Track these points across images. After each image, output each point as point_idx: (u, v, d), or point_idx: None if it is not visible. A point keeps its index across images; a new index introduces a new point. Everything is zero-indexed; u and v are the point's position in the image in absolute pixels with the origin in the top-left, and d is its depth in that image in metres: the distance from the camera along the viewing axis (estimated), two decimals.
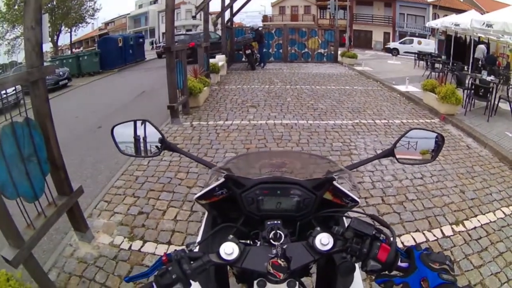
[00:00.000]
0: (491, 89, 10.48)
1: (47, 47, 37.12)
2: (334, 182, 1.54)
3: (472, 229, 4.72)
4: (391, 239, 1.23)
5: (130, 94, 15.74)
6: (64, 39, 53.06)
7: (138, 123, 1.98)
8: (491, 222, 4.96)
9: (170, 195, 5.59)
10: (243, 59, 22.32)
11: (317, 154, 6.57)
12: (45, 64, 3.92)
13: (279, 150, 6.54)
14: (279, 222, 1.41)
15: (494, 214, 5.19)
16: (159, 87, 13.91)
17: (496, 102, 10.66)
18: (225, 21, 22.21)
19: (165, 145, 1.97)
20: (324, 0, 54.71)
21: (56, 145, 3.94)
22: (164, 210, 5.16)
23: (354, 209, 1.62)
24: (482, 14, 19.49)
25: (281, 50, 25.60)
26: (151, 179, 6.15)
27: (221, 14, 20.79)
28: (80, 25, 48.65)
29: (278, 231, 1.34)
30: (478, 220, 4.96)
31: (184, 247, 1.26)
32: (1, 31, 42.69)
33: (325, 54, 25.78)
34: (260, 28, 25.15)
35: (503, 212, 5.29)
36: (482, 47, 19.33)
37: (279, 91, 13.57)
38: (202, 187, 5.59)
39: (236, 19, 30.99)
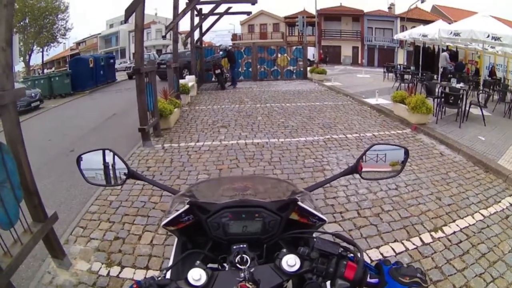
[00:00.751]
0: (461, 96, 10.63)
1: (19, 67, 37.10)
2: (299, 203, 1.54)
3: (451, 234, 4.75)
4: (358, 256, 1.22)
5: (101, 116, 15.64)
6: (36, 59, 53.44)
7: (104, 152, 1.95)
8: (470, 225, 5.01)
9: (145, 219, 5.50)
10: (213, 79, 22.42)
11: (278, 177, 6.56)
12: (16, 85, 3.86)
13: (240, 175, 6.49)
14: (245, 245, 1.40)
15: (473, 217, 5.25)
16: (130, 108, 13.74)
17: (467, 108, 10.82)
18: (195, 41, 22.33)
19: (129, 173, 1.97)
20: (292, 17, 55.58)
21: (28, 170, 3.87)
22: (140, 235, 5.07)
23: (322, 228, 1.66)
24: (449, 23, 19.91)
25: (250, 69, 25.75)
26: (125, 204, 6.04)
27: (190, 34, 20.92)
28: (52, 44, 48.93)
29: (244, 255, 1.33)
30: (457, 225, 4.99)
31: (159, 272, 1.21)
32: None
33: (294, 71, 26.01)
34: (230, 48, 25.22)
35: (481, 214, 5.37)
36: (444, 54, 19.72)
37: (249, 110, 13.59)
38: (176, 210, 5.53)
39: (206, 38, 31.20)
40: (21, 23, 40.40)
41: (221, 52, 23.07)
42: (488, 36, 12.99)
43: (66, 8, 47.60)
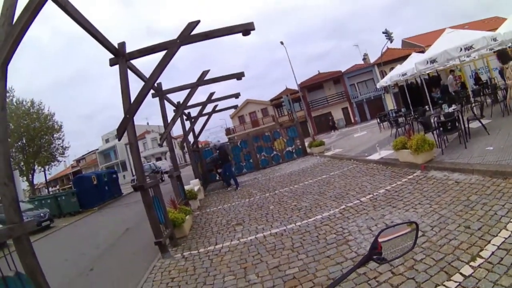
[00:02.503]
0: (457, 118, 10.74)
1: (23, 185, 37.52)
2: None
3: (490, 256, 4.65)
4: None
5: (115, 232, 15.70)
6: (39, 177, 54.58)
7: None
8: (506, 238, 4.94)
9: None
10: (217, 178, 22.78)
11: None
12: (23, 205, 3.96)
13: None
14: None
15: (506, 229, 5.18)
16: (142, 221, 13.75)
17: (467, 126, 10.90)
18: (190, 144, 22.89)
19: None
20: (277, 98, 56.94)
21: None
22: None
23: None
24: (423, 52, 20.32)
25: (251, 160, 26.21)
26: None
27: (184, 139, 21.71)
28: (52, 163, 50.09)
29: None
30: (493, 244, 4.90)
31: None
32: None
33: (293, 151, 26.41)
34: (222, 143, 25.11)
35: None
36: (450, 78, 20.15)
37: (260, 202, 13.55)
38: None
39: (201, 138, 31.79)
40: (19, 143, 42.02)
41: (216, 151, 23.48)
42: (461, 49, 13.27)
43: (60, 127, 49.63)
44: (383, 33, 39.66)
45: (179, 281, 7.55)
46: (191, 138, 23.75)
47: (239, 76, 16.04)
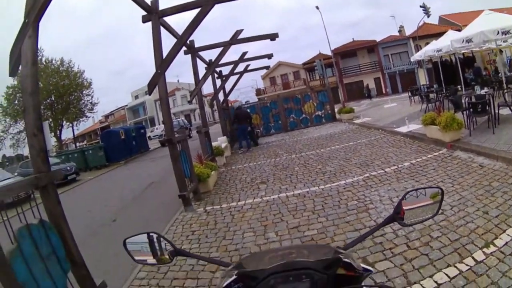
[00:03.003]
0: (488, 101, 10.58)
1: (51, 141, 38.15)
2: (344, 259, 1.57)
3: (503, 245, 4.64)
4: None
5: (139, 185, 16.02)
6: (67, 133, 54.98)
7: (148, 235, 2.05)
8: None
9: (195, 282, 5.55)
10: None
11: (321, 243, 6.52)
12: (51, 160, 4.11)
13: (284, 246, 6.50)
14: None
15: None
16: (167, 176, 14.07)
17: (497, 111, 10.74)
18: (220, 102, 22.85)
19: (176, 252, 2.06)
20: (310, 62, 56.03)
21: (73, 243, 4.10)
22: None
23: (369, 277, 1.67)
24: (459, 30, 19.85)
25: (279, 121, 26.15)
26: (173, 268, 6.11)
27: (215, 97, 21.44)
28: (80, 119, 50.56)
29: None
30: (508, 235, 4.88)
31: None
32: (4, 125, 44.74)
33: (323, 116, 26.22)
34: (240, 106, 25.42)
35: None
36: (500, 57, 19.66)
37: (285, 162, 13.68)
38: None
39: (231, 97, 31.76)
40: (48, 100, 42.49)
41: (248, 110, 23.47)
42: (498, 32, 12.89)
43: (90, 84, 49.99)
44: (421, 7, 38.66)
45: (199, 234, 7.73)
46: (221, 96, 23.70)
47: (273, 36, 15.70)
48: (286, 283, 1.52)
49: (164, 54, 9.54)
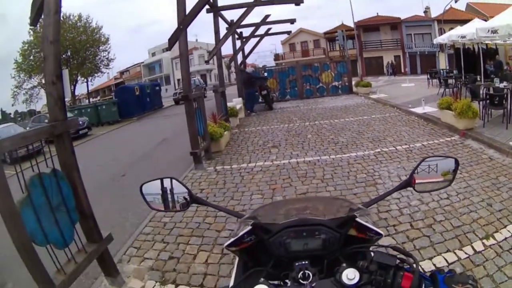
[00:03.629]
0: (505, 96, 10.45)
1: (69, 95, 37.91)
2: (357, 219, 1.58)
3: (503, 240, 4.66)
4: (414, 266, 1.28)
5: (151, 141, 16.17)
6: (80, 89, 54.75)
7: (165, 180, 2.06)
8: None
9: (199, 240, 5.65)
10: (260, 100, 22.52)
11: (337, 196, 6.56)
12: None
13: (300, 197, 6.56)
14: (307, 262, 1.43)
15: None
16: (179, 133, 14.09)
17: None
18: (238, 64, 22.66)
19: (192, 199, 2.10)
20: (331, 32, 55.19)
21: (84, 194, 4.15)
22: (195, 254, 5.21)
23: (378, 242, 1.67)
24: (485, 20, 19.45)
25: (296, 88, 25.95)
26: (179, 225, 6.24)
27: (233, 58, 21.44)
28: (95, 75, 50.32)
29: (306, 271, 1.37)
30: (508, 231, 4.89)
31: None
32: (19, 80, 44.59)
33: (339, 87, 25.95)
34: (254, 71, 24.82)
35: None
36: None
37: (298, 129, 13.72)
38: (231, 230, 5.66)
39: (249, 60, 31.40)
40: (64, 56, 41.73)
41: (265, 74, 23.32)
42: None
43: (107, 40, 49.22)
44: None
45: (207, 193, 7.83)
46: (239, 58, 23.39)
47: (298, 1, 15.26)
48: (298, 238, 1.57)
49: (187, 11, 9.47)
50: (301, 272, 1.38)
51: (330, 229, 1.57)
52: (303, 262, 1.43)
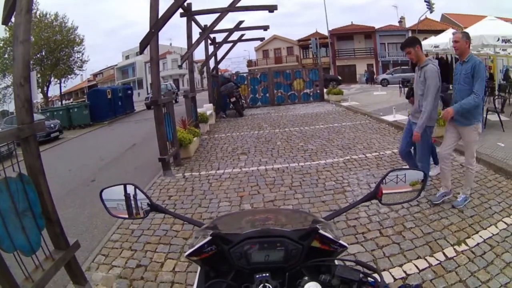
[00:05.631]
0: None
1: (37, 98, 37.62)
2: (320, 231, 1.55)
3: (475, 246, 4.67)
4: (379, 280, 1.27)
5: (121, 146, 16.04)
6: (54, 90, 54.46)
7: (127, 187, 2.00)
8: (494, 235, 4.93)
9: (167, 247, 5.56)
10: (231, 107, 22.47)
11: (298, 208, 6.49)
12: (35, 116, 4.02)
13: (262, 208, 6.51)
14: (267, 274, 1.42)
15: (496, 227, 5.16)
16: (149, 139, 14.09)
17: (484, 116, 10.73)
18: (211, 69, 22.65)
19: (152, 207, 2.01)
20: (305, 39, 55.85)
21: (50, 200, 4.01)
22: (162, 262, 5.11)
23: (342, 254, 1.66)
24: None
25: (267, 94, 26.02)
26: (147, 232, 6.13)
27: (205, 63, 21.25)
28: (69, 76, 49.66)
29: (267, 283, 1.35)
30: (480, 236, 4.91)
31: None
32: None
33: (311, 94, 26.21)
34: (228, 75, 25.90)
35: (505, 222, 5.28)
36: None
37: (268, 136, 13.68)
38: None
39: (222, 66, 31.51)
40: (38, 55, 41.50)
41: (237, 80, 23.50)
42: (498, 39, 12.93)
43: (82, 40, 48.78)
44: (425, 1, 38.37)
45: (175, 200, 7.73)
46: (212, 63, 23.43)
47: (271, 8, 15.30)
48: (260, 249, 1.53)
49: (160, 14, 9.38)
50: (262, 285, 1.36)
51: (293, 241, 1.54)
52: (264, 275, 1.43)
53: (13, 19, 4.22)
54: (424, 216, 5.71)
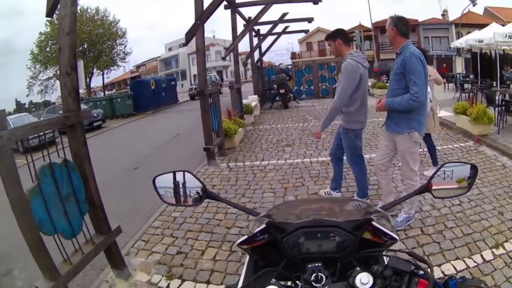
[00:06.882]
0: None
1: (83, 86, 38.48)
2: (373, 222, 1.56)
3: None
4: (430, 273, 1.26)
5: (165, 136, 16.29)
6: (96, 81, 55.61)
7: (179, 174, 2.03)
8: None
9: (208, 236, 5.65)
10: (277, 98, 22.40)
11: (353, 198, 6.47)
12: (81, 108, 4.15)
13: (316, 198, 6.50)
14: (320, 264, 1.42)
15: None
16: (193, 129, 14.20)
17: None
18: (255, 61, 22.63)
19: (206, 194, 2.04)
20: (349, 32, 54.79)
21: (94, 186, 4.15)
22: (203, 250, 5.20)
23: (393, 247, 1.64)
24: (503, 25, 19.24)
25: (312, 87, 25.87)
26: (189, 220, 6.26)
27: (250, 55, 21.46)
28: (111, 68, 51.00)
29: (319, 273, 1.35)
30: None
31: (223, 286, 1.33)
32: (34, 71, 45.35)
33: None
34: (284, 66, 25.96)
35: None
36: None
37: (313, 128, 13.58)
38: (241, 227, 5.65)
39: (265, 58, 31.38)
40: (80, 48, 42.24)
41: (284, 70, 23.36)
42: None
43: (124, 33, 50.06)
44: None
45: (219, 189, 7.82)
46: (256, 55, 23.37)
47: (316, 0, 15.36)
48: (313, 239, 1.56)
49: (205, 6, 9.49)
50: (314, 275, 1.36)
51: (345, 232, 1.55)
52: (316, 264, 1.42)
53: (57, 12, 4.35)
54: (465, 216, 5.64)
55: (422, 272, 1.29)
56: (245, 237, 1.63)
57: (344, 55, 5.82)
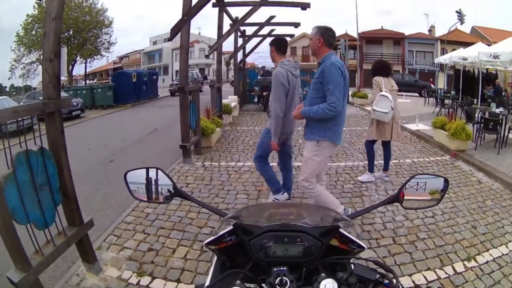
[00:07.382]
0: (500, 121, 10.53)
1: (64, 73, 38.05)
2: (340, 230, 1.57)
3: (484, 263, 4.66)
4: (394, 282, 1.27)
5: (142, 130, 16.20)
6: (78, 69, 54.87)
7: (151, 170, 2.03)
8: (503, 255, 4.90)
9: (180, 234, 5.60)
10: (255, 100, 22.48)
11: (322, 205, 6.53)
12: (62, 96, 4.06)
13: (285, 202, 6.51)
14: (285, 268, 1.42)
15: (507, 247, 5.13)
16: (171, 125, 14.29)
17: (506, 134, 10.68)
18: (238, 62, 22.60)
19: (176, 192, 2.06)
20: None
21: (69, 176, 4.06)
22: (174, 249, 5.15)
23: (360, 255, 1.66)
24: (489, 45, 19.60)
25: None
26: (162, 217, 6.18)
27: (234, 55, 21.30)
28: (95, 57, 50.31)
29: (284, 277, 1.34)
30: (490, 254, 4.90)
31: (193, 286, 1.30)
32: (18, 54, 44.40)
33: None
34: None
35: None
36: None
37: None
38: (213, 227, 5.60)
39: (249, 59, 31.36)
40: (65, 34, 41.72)
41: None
42: None
43: (110, 23, 49.46)
44: (457, 12, 37.78)
45: (193, 188, 7.75)
46: (240, 56, 23.39)
47: (304, 6, 15.28)
48: (280, 243, 1.54)
49: (193, 2, 9.43)
50: (279, 278, 1.35)
51: (312, 237, 1.55)
52: (282, 268, 1.41)
53: None
54: (438, 228, 5.71)
55: (387, 281, 1.31)
56: (213, 237, 1.64)
57: (277, 62, 5.95)
